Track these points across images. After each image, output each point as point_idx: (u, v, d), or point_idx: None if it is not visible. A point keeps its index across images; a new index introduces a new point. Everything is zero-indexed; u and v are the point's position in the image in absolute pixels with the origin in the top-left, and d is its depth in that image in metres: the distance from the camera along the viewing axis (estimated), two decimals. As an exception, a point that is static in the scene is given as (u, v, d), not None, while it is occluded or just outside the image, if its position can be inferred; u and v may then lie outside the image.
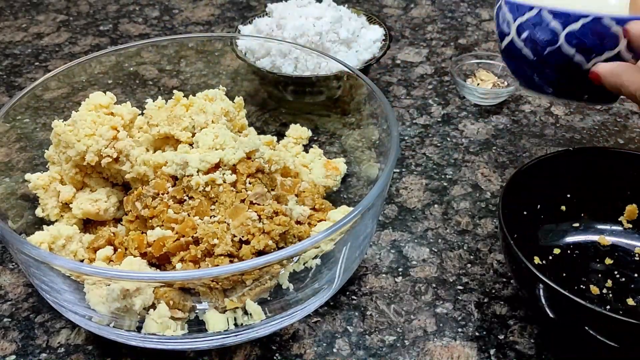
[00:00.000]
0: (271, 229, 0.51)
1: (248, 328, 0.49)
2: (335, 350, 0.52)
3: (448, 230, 0.62)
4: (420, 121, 0.76)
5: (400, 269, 0.59)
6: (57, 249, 0.53)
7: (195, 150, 0.56)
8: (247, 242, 0.50)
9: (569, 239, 0.58)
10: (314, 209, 0.57)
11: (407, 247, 0.61)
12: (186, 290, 0.49)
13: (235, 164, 0.54)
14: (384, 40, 0.79)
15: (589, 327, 0.45)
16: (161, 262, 0.52)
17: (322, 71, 0.71)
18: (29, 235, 0.53)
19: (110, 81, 0.68)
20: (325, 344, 0.52)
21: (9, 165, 0.58)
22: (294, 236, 0.52)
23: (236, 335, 0.49)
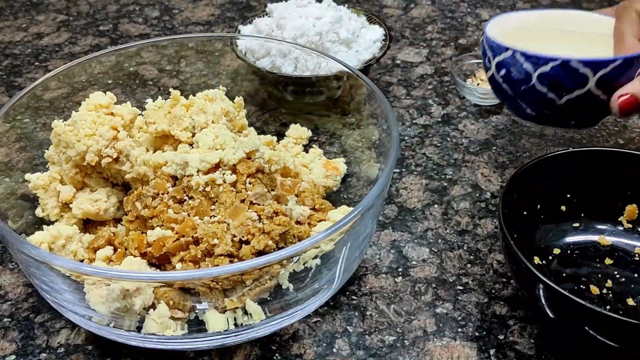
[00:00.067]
0: (271, 229, 0.51)
1: (248, 328, 0.49)
2: (335, 350, 0.52)
3: (448, 230, 0.62)
4: (420, 121, 0.76)
5: (400, 269, 0.59)
6: (57, 249, 0.53)
7: (195, 150, 0.56)
8: (247, 242, 0.50)
9: (569, 239, 0.58)
10: (314, 209, 0.57)
11: (407, 247, 0.61)
12: (186, 290, 0.49)
13: (235, 164, 0.54)
14: (384, 40, 0.79)
15: (589, 327, 0.45)
16: (161, 262, 0.52)
17: (322, 71, 0.71)
18: (29, 235, 0.53)
19: (110, 81, 0.68)
20: (325, 344, 0.52)
21: (9, 165, 0.58)
22: (294, 236, 0.52)
23: (236, 335, 0.49)
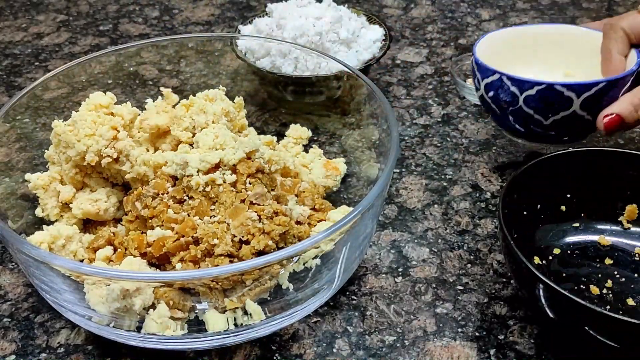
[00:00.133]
0: (271, 229, 0.50)
1: (248, 328, 0.49)
2: (335, 350, 0.52)
3: (448, 230, 0.62)
4: (420, 121, 0.76)
5: (400, 269, 0.59)
6: (57, 249, 0.53)
7: (195, 150, 0.56)
8: (247, 242, 0.50)
9: (569, 239, 0.58)
10: (314, 209, 0.57)
11: (407, 247, 0.61)
12: (186, 290, 0.49)
13: (236, 164, 0.54)
14: (384, 40, 0.79)
15: (589, 327, 0.45)
16: (161, 262, 0.52)
17: (322, 71, 0.71)
18: (29, 235, 0.53)
19: (110, 81, 0.68)
20: (325, 344, 0.52)
21: (9, 165, 0.58)
22: (294, 236, 0.52)
23: (236, 335, 0.49)
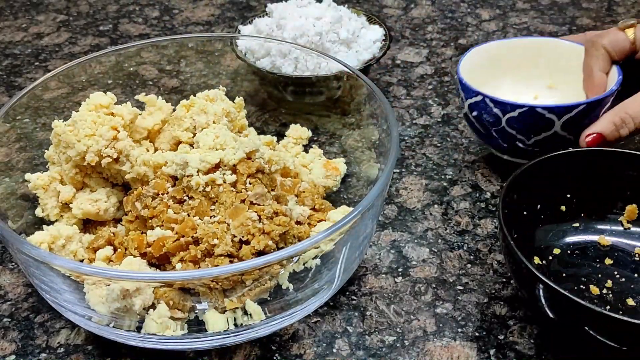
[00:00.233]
0: (271, 229, 0.50)
1: (248, 328, 0.49)
2: (335, 350, 0.52)
3: (448, 230, 0.62)
4: (420, 121, 0.76)
5: (400, 269, 0.59)
6: (57, 249, 0.53)
7: (195, 150, 0.56)
8: (247, 243, 0.50)
9: (569, 239, 0.58)
10: (313, 209, 0.57)
11: (407, 248, 0.61)
12: (186, 290, 0.49)
13: (236, 164, 0.54)
14: (384, 40, 0.79)
15: (589, 327, 0.45)
16: (161, 262, 0.52)
17: (322, 71, 0.71)
18: (29, 235, 0.53)
19: (110, 81, 0.68)
20: (325, 344, 0.52)
21: (9, 165, 0.58)
22: (294, 236, 0.52)
23: (236, 336, 0.49)
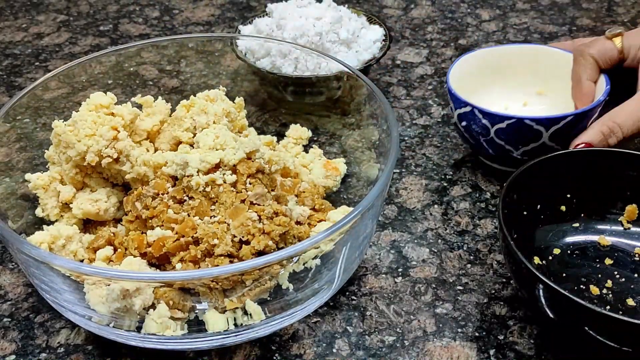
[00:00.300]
0: (271, 229, 0.51)
1: (248, 328, 0.49)
2: (335, 350, 0.52)
3: (448, 230, 0.62)
4: (420, 122, 0.76)
5: (400, 270, 0.59)
6: (57, 249, 0.53)
7: (195, 150, 0.56)
8: (247, 243, 0.50)
9: (569, 239, 0.58)
10: (313, 209, 0.57)
11: (407, 248, 0.61)
12: (186, 290, 0.49)
13: (236, 164, 0.54)
14: (384, 40, 0.79)
15: (589, 328, 0.45)
16: (161, 262, 0.52)
17: (322, 71, 0.71)
18: (29, 235, 0.53)
19: (110, 81, 0.68)
20: (325, 344, 0.52)
21: (9, 165, 0.58)
22: (294, 236, 0.52)
23: (236, 336, 0.49)
